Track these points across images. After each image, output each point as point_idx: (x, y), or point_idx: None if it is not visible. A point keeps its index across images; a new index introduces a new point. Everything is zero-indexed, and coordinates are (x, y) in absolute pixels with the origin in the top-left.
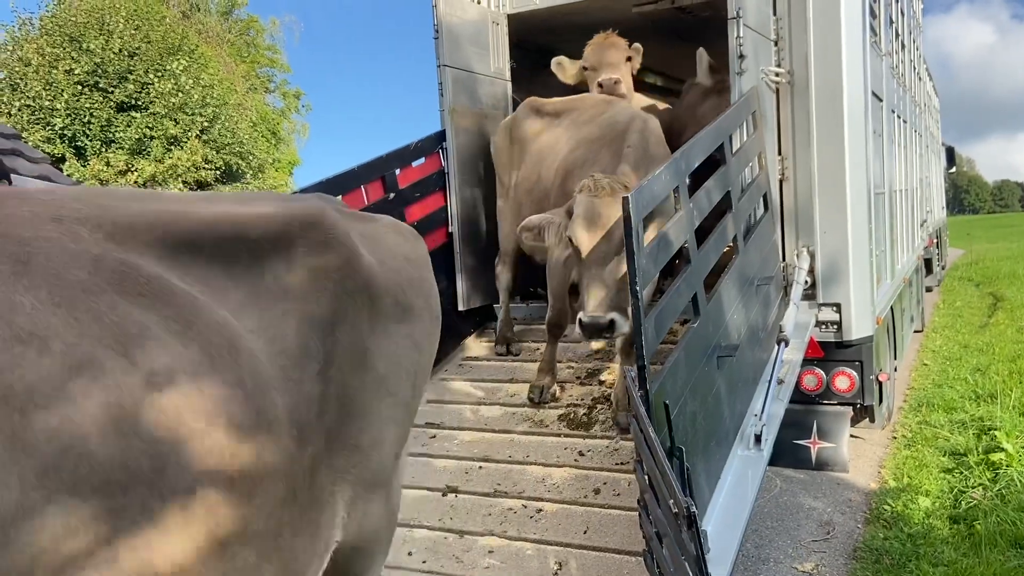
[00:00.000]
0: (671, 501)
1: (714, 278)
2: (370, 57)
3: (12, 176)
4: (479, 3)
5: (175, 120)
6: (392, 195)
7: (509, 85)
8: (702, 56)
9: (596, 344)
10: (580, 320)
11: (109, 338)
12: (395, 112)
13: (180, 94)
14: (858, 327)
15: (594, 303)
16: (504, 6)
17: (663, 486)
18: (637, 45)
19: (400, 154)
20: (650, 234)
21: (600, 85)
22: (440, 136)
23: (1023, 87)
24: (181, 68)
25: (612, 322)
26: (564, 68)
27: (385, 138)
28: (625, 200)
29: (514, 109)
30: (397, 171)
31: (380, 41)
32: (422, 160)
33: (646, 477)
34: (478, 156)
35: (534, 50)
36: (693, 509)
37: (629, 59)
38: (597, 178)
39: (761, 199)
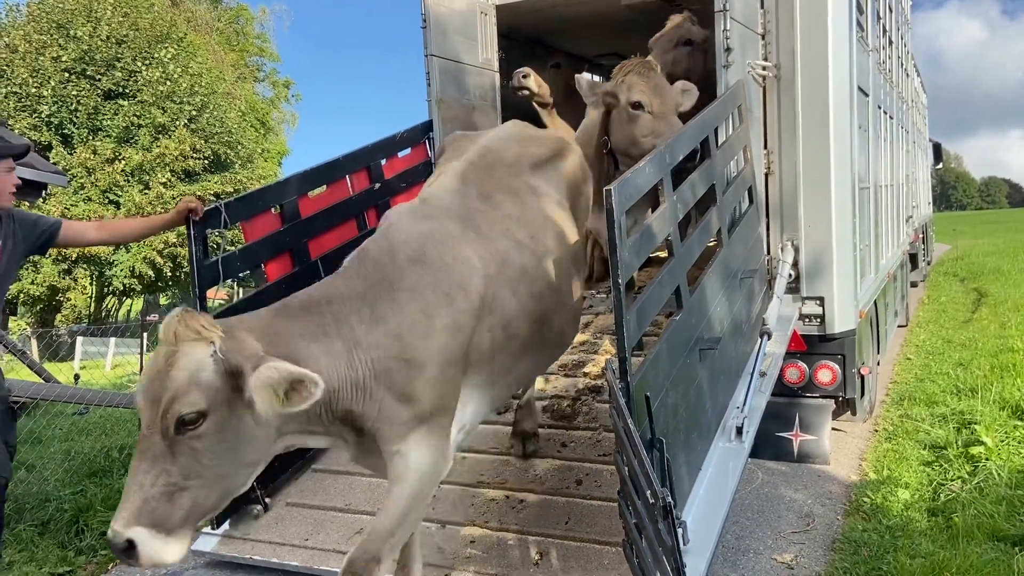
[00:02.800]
0: (648, 492)
1: (698, 271)
2: (360, 47)
3: None
4: None
5: (163, 109)
6: (378, 185)
7: (497, 76)
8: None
9: (579, 336)
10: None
11: None
12: (385, 102)
13: (168, 82)
14: (841, 321)
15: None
16: None
17: (641, 477)
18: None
19: (386, 144)
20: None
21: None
22: (427, 126)
23: (1012, 84)
24: (169, 56)
25: (130, 543)
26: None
27: (375, 127)
28: (608, 192)
29: (502, 100)
30: (383, 161)
31: (370, 31)
32: (408, 150)
33: (626, 468)
34: None
35: (522, 41)
36: (669, 500)
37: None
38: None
39: (746, 192)
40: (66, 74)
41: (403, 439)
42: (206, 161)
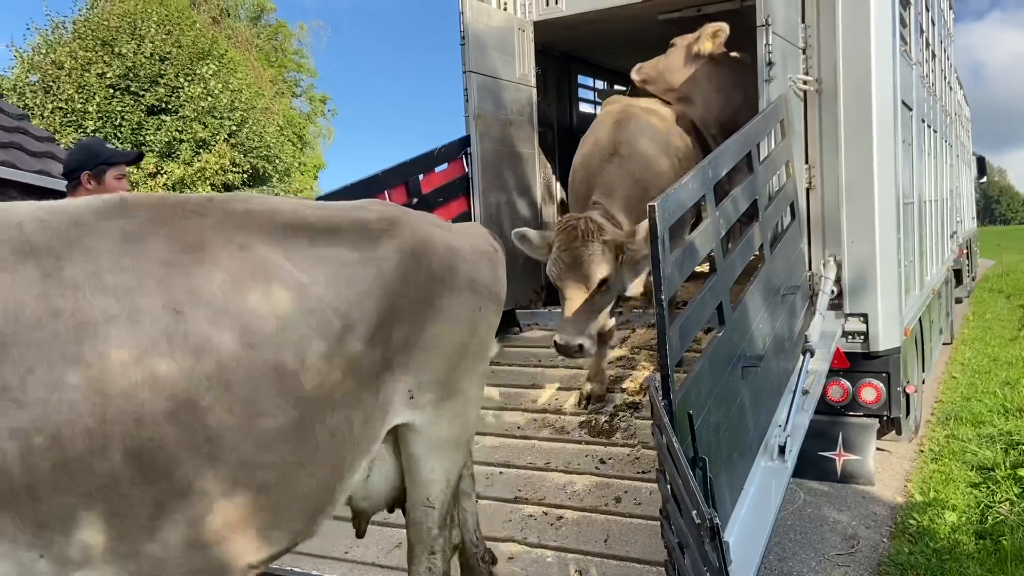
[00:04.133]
0: (694, 512)
1: (739, 286)
2: (396, 62)
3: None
4: (505, 10)
5: (204, 124)
6: (415, 200)
7: (534, 92)
8: None
9: (616, 351)
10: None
11: None
12: (421, 117)
13: (209, 98)
14: (885, 338)
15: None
16: (530, 13)
17: (686, 496)
18: None
19: (424, 160)
20: None
21: None
22: (464, 142)
23: None
24: (211, 72)
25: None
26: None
27: (410, 143)
28: (651, 208)
29: (539, 115)
30: (421, 176)
31: (406, 47)
32: (445, 166)
33: (669, 487)
34: (502, 161)
35: (559, 57)
36: (716, 520)
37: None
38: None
39: (788, 208)
40: (111, 90)
41: None
42: (245, 175)
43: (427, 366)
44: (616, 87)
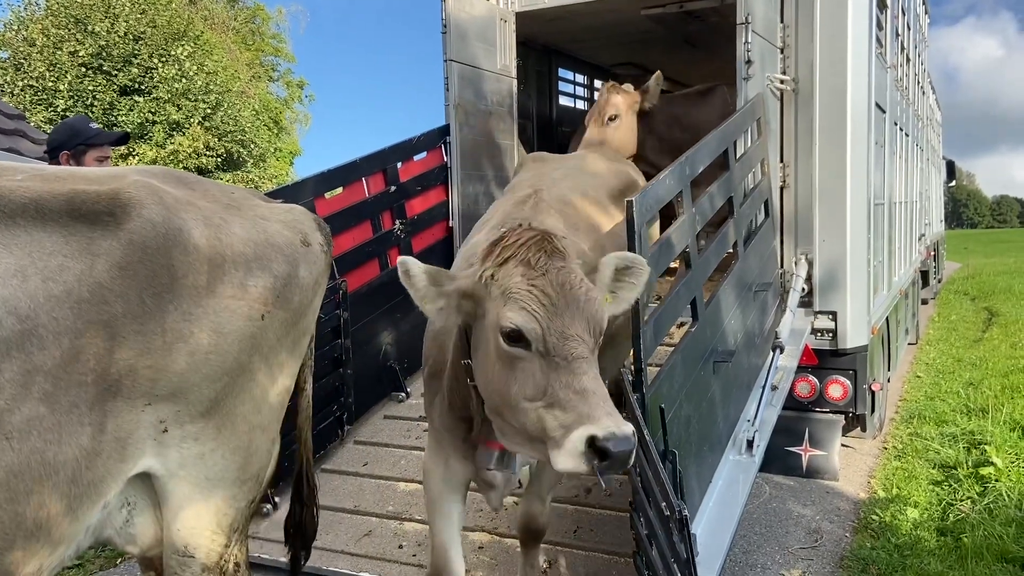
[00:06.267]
0: (663, 504)
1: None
2: (376, 50)
3: None
4: (488, 0)
5: (178, 106)
6: (393, 188)
7: (515, 83)
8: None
9: None
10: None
11: None
12: (399, 106)
13: (184, 80)
14: (853, 336)
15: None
16: (513, 4)
17: (656, 488)
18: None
19: (403, 147)
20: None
21: None
22: (444, 131)
23: None
24: (186, 54)
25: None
26: None
27: (388, 131)
28: (629, 203)
29: (519, 107)
30: (399, 164)
31: (386, 34)
32: (424, 154)
33: (639, 479)
34: (481, 151)
35: (541, 49)
36: (685, 512)
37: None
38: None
39: (762, 205)
40: (83, 69)
41: None
42: (219, 159)
43: (185, 393)
44: (596, 81)
